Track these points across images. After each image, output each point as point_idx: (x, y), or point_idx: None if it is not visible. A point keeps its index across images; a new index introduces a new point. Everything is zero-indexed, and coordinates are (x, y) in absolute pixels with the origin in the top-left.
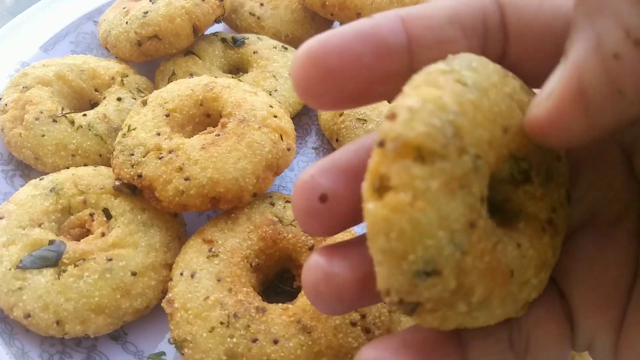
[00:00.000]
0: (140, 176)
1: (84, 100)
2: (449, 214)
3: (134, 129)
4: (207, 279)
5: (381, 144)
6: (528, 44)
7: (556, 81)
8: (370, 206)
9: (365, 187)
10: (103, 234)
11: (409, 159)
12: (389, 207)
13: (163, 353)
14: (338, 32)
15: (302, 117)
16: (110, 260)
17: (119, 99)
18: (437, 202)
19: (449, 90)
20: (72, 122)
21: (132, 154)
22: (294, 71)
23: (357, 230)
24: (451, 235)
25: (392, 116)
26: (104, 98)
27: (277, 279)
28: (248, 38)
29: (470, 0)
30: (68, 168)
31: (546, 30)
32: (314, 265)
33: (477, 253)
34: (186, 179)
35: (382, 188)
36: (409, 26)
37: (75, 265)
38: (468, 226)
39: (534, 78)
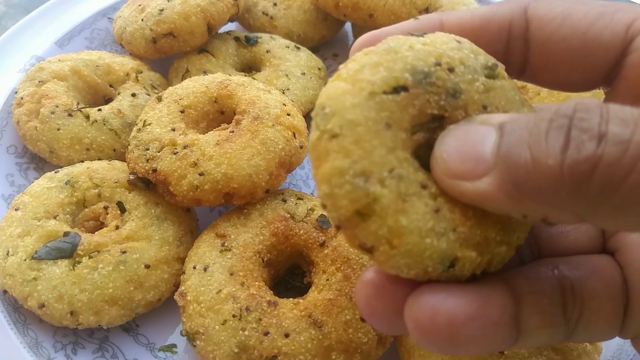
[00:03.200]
0: (155, 171)
1: (99, 95)
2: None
3: (149, 124)
4: (220, 272)
5: (338, 227)
6: (548, 55)
7: None
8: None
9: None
10: (117, 227)
11: (359, 224)
12: (377, 261)
13: (174, 345)
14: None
15: None
16: (124, 252)
17: (133, 95)
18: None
19: (335, 157)
20: (87, 117)
21: (147, 149)
22: None
23: None
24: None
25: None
26: (118, 94)
27: (287, 275)
28: (261, 37)
29: (502, 11)
30: (82, 162)
31: (565, 44)
32: (367, 280)
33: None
34: (200, 174)
35: (367, 248)
36: (447, 28)
37: (90, 257)
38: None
39: (553, 84)
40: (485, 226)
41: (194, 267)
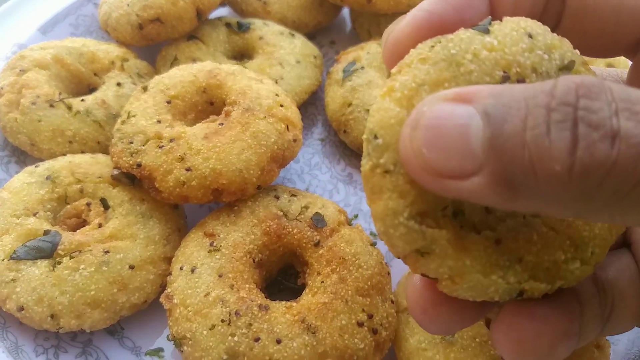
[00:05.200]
0: (139, 165)
1: (83, 84)
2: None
3: (134, 116)
4: (208, 274)
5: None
6: (581, 19)
7: None
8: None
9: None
10: (100, 225)
11: (419, 259)
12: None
13: (161, 349)
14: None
15: (309, 107)
16: (107, 252)
17: (118, 84)
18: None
19: (388, 196)
20: (70, 108)
21: (132, 142)
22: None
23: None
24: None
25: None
26: (103, 83)
27: (280, 276)
28: (254, 23)
29: None
30: (65, 155)
31: (598, 12)
32: (419, 286)
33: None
34: (187, 170)
35: (430, 278)
36: None
37: (71, 257)
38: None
39: (579, 48)
40: (553, 248)
41: (181, 268)
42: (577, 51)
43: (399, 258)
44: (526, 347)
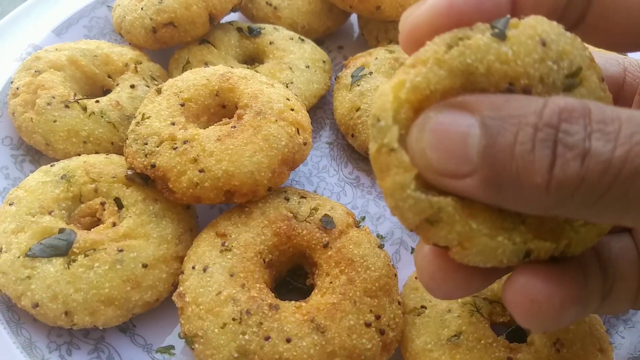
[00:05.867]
0: (153, 166)
1: (97, 86)
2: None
3: (148, 118)
4: (220, 273)
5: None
6: (607, 17)
7: None
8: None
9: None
10: (114, 224)
11: (429, 229)
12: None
13: (172, 347)
14: None
15: (317, 111)
16: (121, 251)
17: (132, 86)
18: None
19: (395, 171)
20: (85, 109)
21: (146, 143)
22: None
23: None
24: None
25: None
26: (117, 85)
27: (289, 276)
28: (264, 28)
29: None
30: (79, 155)
31: (625, 10)
32: (428, 255)
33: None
34: (201, 171)
35: (441, 247)
36: None
37: (86, 255)
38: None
39: (602, 44)
40: None
41: (193, 267)
42: (588, 51)
43: (411, 231)
44: (539, 308)
